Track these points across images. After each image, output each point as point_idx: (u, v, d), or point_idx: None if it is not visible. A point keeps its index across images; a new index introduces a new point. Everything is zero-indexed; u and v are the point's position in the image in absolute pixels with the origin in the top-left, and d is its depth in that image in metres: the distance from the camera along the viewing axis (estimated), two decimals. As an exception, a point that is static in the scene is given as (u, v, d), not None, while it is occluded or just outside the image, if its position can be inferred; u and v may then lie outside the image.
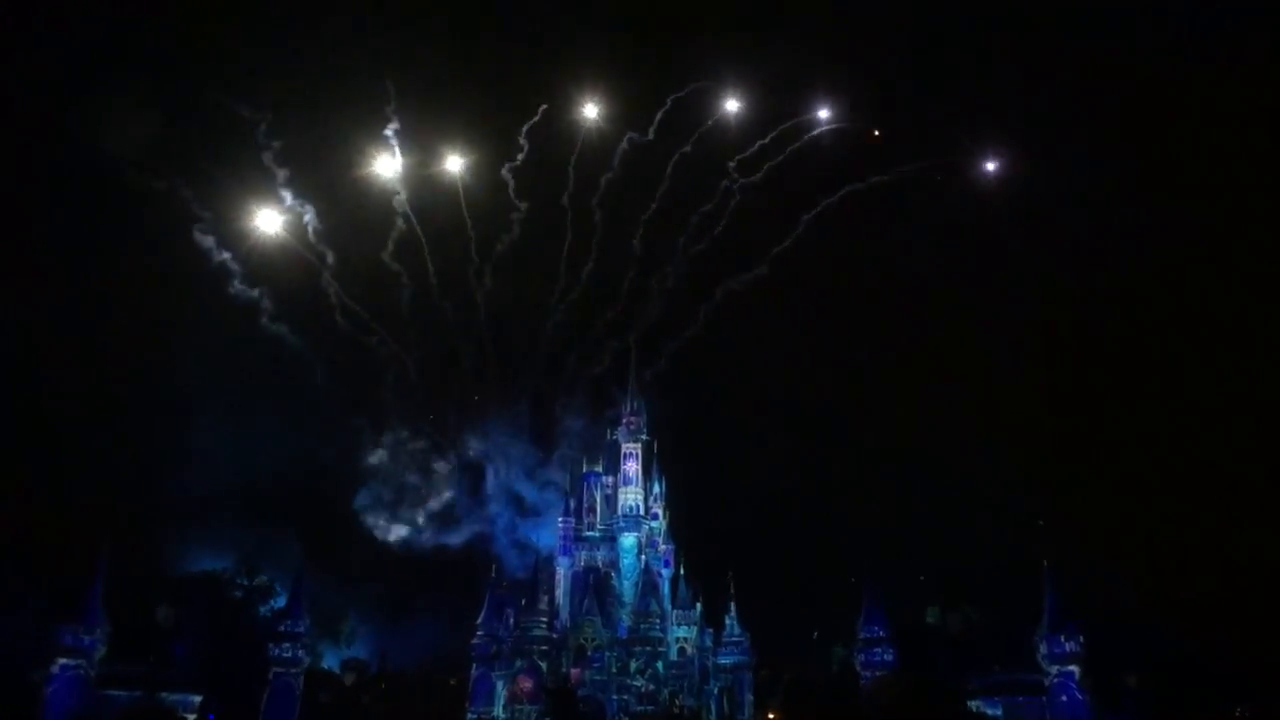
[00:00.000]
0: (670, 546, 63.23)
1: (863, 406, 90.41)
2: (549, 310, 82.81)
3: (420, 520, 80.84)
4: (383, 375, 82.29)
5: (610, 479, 64.28)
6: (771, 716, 61.11)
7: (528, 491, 77.14)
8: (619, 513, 62.28)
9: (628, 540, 61.35)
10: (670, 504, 64.65)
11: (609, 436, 65.45)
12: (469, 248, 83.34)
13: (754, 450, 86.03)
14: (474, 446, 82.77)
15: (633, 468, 63.23)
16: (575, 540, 62.01)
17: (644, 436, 64.22)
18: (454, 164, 78.52)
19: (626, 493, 62.58)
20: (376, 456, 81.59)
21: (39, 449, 72.40)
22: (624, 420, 64.63)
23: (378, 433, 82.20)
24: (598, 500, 64.18)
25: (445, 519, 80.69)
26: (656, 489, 64.48)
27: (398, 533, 79.94)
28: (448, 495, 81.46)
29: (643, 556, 60.82)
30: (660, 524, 63.76)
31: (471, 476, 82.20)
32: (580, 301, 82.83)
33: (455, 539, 78.65)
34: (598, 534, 62.80)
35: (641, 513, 62.45)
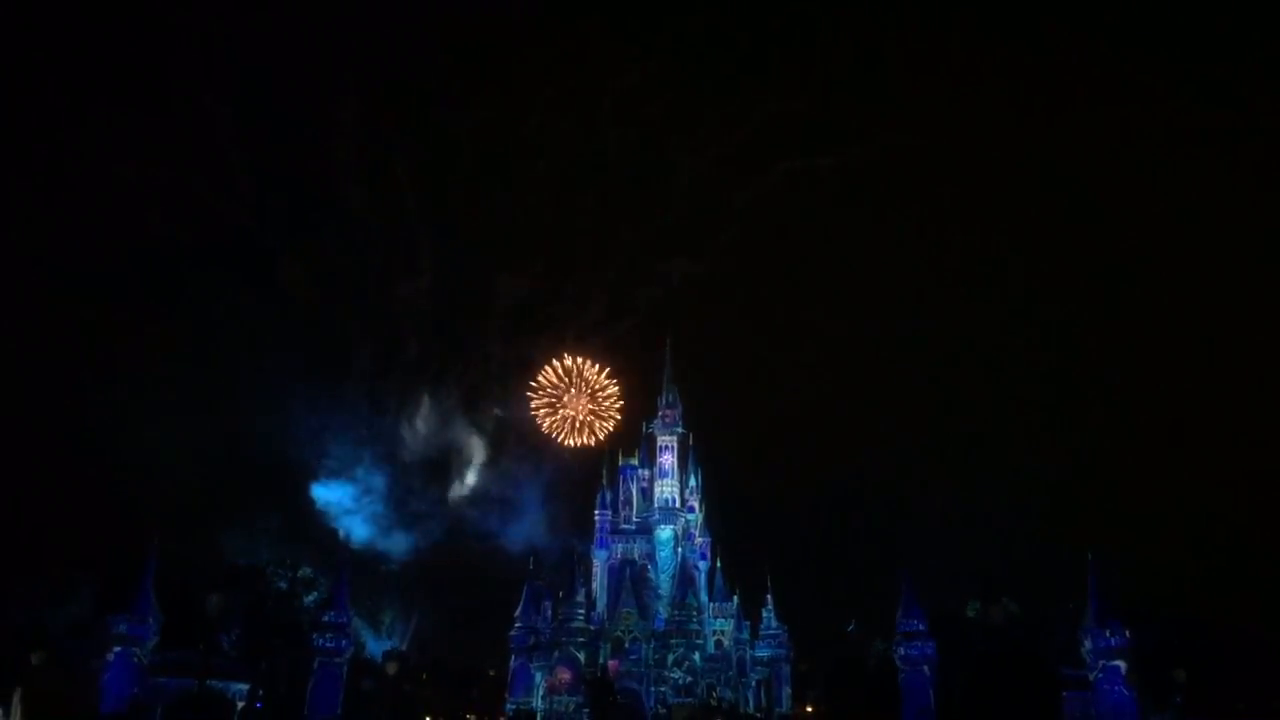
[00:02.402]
0: (707, 539, 63.20)
1: (900, 398, 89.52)
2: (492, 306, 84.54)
3: (382, 518, 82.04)
4: (340, 362, 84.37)
5: (646, 472, 64.37)
6: (810, 709, 60.84)
7: (491, 485, 77.97)
8: (655, 505, 62.36)
9: (664, 533, 61.40)
10: (706, 497, 64.64)
11: (645, 429, 65.57)
12: (417, 234, 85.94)
13: (791, 443, 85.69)
14: (427, 441, 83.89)
15: (668, 460, 63.20)
16: (611, 533, 62.29)
17: (679, 429, 64.12)
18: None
19: (662, 485, 62.60)
20: (334, 454, 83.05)
21: (89, 445, 74.64)
22: (659, 413, 64.57)
23: (337, 428, 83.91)
24: (634, 493, 64.33)
25: (411, 517, 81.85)
26: (693, 482, 64.36)
27: (358, 529, 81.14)
28: (409, 494, 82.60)
29: (679, 549, 60.83)
30: (696, 516, 63.68)
31: (432, 473, 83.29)
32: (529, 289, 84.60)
33: (422, 539, 79.69)
34: (634, 527, 63.00)
35: (678, 505, 62.44)
